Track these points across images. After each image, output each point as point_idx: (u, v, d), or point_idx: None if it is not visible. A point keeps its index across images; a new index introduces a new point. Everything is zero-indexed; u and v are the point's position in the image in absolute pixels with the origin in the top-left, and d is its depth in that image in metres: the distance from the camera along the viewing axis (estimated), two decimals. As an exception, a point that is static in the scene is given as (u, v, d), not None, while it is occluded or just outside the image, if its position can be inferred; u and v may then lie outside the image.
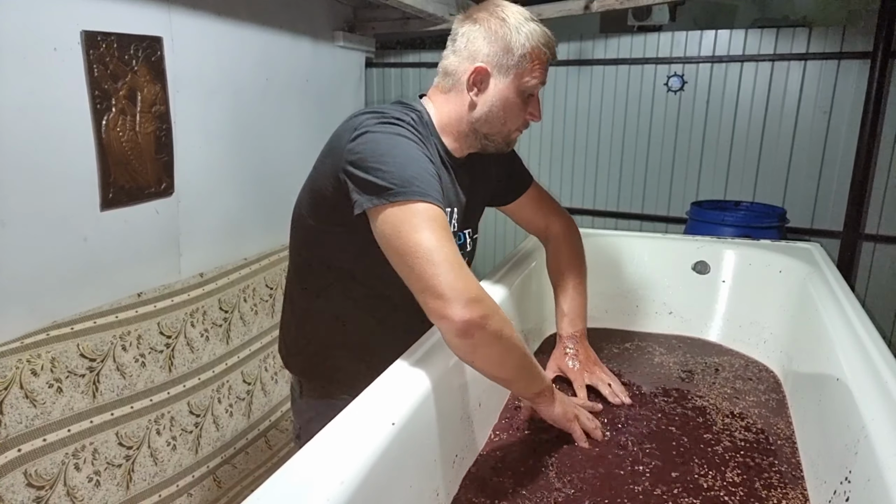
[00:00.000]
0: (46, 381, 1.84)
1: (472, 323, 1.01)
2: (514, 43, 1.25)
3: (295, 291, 1.46)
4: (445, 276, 1.01)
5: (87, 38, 1.92)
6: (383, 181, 1.07)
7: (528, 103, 1.32)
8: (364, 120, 1.18)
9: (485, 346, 1.06)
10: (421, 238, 1.03)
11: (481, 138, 1.34)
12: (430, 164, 1.15)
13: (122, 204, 2.10)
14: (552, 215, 1.69)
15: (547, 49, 1.28)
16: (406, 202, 1.05)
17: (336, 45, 3.38)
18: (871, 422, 0.98)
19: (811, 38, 3.23)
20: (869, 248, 3.28)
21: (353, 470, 0.83)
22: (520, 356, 1.14)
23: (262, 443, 2.72)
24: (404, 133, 1.17)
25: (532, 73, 1.28)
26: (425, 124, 1.30)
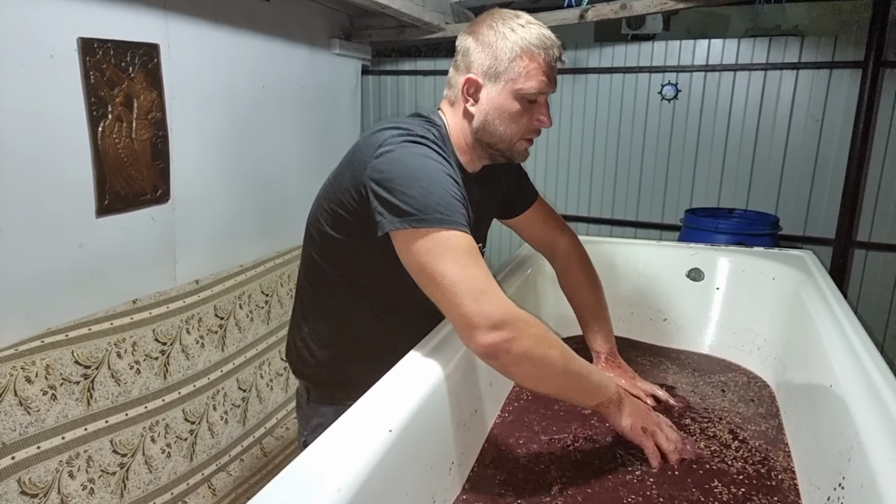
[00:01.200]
0: (41, 388, 1.84)
1: (496, 347, 1.04)
2: (501, 49, 1.24)
3: (306, 297, 1.45)
4: (469, 304, 1.04)
5: (84, 44, 1.92)
6: (408, 205, 1.08)
7: (531, 109, 1.29)
8: (389, 136, 1.18)
9: (514, 366, 1.09)
10: (445, 268, 1.06)
11: (486, 148, 1.33)
12: (455, 186, 1.15)
13: (117, 210, 2.10)
14: (558, 231, 1.69)
15: (541, 51, 1.24)
16: (430, 229, 1.07)
17: (332, 52, 3.39)
18: (864, 428, 0.98)
19: (803, 48, 3.25)
20: (861, 256, 3.30)
21: (350, 476, 0.83)
22: (559, 371, 1.13)
23: (258, 450, 2.71)
24: (430, 154, 1.17)
25: (527, 78, 1.24)
26: (445, 140, 1.31)
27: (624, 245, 2.19)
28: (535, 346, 1.08)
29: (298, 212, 3.16)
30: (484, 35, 1.27)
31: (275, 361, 2.89)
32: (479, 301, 1.04)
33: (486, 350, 1.06)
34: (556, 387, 1.18)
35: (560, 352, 1.12)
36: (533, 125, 1.30)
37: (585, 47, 3.75)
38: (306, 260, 1.43)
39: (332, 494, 0.79)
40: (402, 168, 1.12)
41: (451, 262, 1.06)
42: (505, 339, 1.04)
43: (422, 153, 1.16)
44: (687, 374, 1.74)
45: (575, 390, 1.19)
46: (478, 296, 1.05)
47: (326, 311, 1.41)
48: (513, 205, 1.63)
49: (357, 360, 1.40)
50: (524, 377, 1.14)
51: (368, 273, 1.33)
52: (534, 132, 1.32)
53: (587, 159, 3.85)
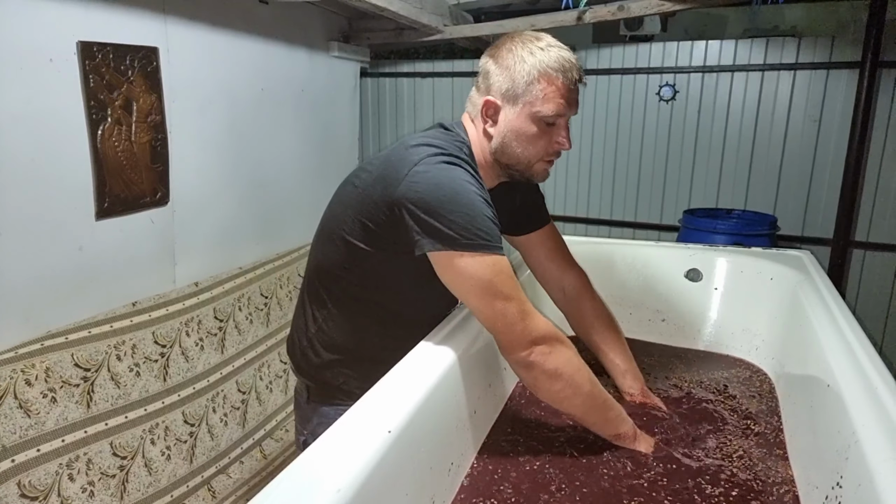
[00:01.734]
0: (40, 390, 1.84)
1: (531, 360, 1.18)
2: (519, 72, 1.24)
3: (316, 299, 1.44)
4: (517, 324, 1.16)
5: (84, 48, 1.93)
6: (449, 230, 1.13)
7: (550, 132, 1.29)
8: (423, 154, 1.19)
9: (544, 381, 1.20)
10: (494, 293, 1.15)
11: (505, 169, 1.34)
12: (490, 209, 1.19)
13: (117, 213, 2.11)
14: (567, 265, 1.66)
15: (559, 73, 1.24)
16: (474, 254, 1.14)
17: (331, 55, 3.39)
18: (862, 427, 0.99)
19: (800, 48, 3.26)
20: (859, 256, 3.30)
21: (349, 477, 0.84)
22: (586, 393, 1.24)
23: (257, 452, 2.71)
24: (465, 177, 1.19)
25: (545, 101, 1.24)
26: (473, 157, 1.32)
27: (623, 246, 2.20)
28: (567, 364, 1.20)
29: (297, 214, 3.18)
30: (503, 58, 1.27)
31: (274, 364, 2.89)
32: (525, 321, 1.16)
33: (521, 361, 1.18)
34: (582, 408, 1.27)
35: (588, 376, 1.24)
36: (552, 147, 1.30)
37: (584, 48, 3.75)
38: (321, 263, 1.41)
39: (331, 495, 0.80)
40: (440, 191, 1.14)
41: (499, 286, 1.15)
42: (542, 353, 1.17)
43: (458, 176, 1.18)
44: (685, 374, 1.75)
45: (596, 416, 1.29)
46: (524, 316, 1.17)
47: (337, 315, 1.40)
48: (522, 223, 1.61)
49: (362, 363, 1.40)
50: (553, 393, 1.22)
51: (388, 285, 1.34)
52: (553, 154, 1.32)
53: (586, 160, 3.86)
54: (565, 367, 1.20)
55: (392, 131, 4.31)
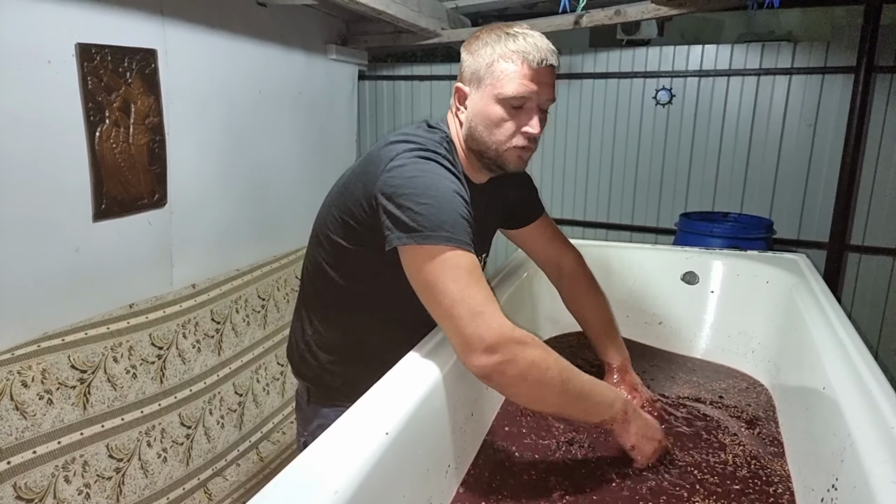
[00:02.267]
0: (37, 392, 1.84)
1: (489, 369, 1.06)
2: (483, 54, 1.25)
3: (311, 300, 1.46)
4: (466, 326, 1.06)
5: (82, 50, 1.93)
6: (414, 222, 1.10)
7: (518, 115, 1.25)
8: (400, 150, 1.20)
9: (509, 387, 1.11)
10: (445, 287, 1.08)
11: (477, 156, 1.32)
12: (463, 204, 1.16)
13: (114, 215, 2.11)
14: (564, 249, 1.70)
15: (520, 55, 1.22)
16: (435, 246, 1.09)
17: (329, 57, 3.40)
18: (857, 430, 0.99)
19: (796, 53, 3.28)
20: (854, 259, 3.32)
21: (347, 478, 0.84)
22: (556, 392, 1.13)
23: (254, 455, 2.71)
24: (439, 171, 1.18)
25: (507, 81, 1.22)
26: (454, 151, 1.32)
27: (619, 249, 2.21)
28: (530, 368, 1.08)
29: (295, 216, 3.18)
30: (473, 45, 1.28)
31: (271, 366, 2.89)
32: (475, 322, 1.06)
33: (480, 371, 1.08)
34: (555, 407, 1.18)
35: (558, 373, 1.12)
36: (519, 133, 1.27)
37: (580, 53, 3.76)
38: (312, 264, 1.43)
39: (329, 496, 0.80)
40: (411, 184, 1.13)
41: (451, 282, 1.08)
42: (499, 362, 1.06)
43: (431, 170, 1.17)
44: (683, 377, 1.75)
45: (575, 410, 1.20)
46: (474, 317, 1.06)
47: (330, 315, 1.41)
48: (518, 216, 1.63)
49: (360, 364, 1.41)
50: (521, 397, 1.15)
51: (374, 282, 1.34)
52: (522, 139, 1.27)
53: (582, 164, 3.87)
54: (529, 371, 1.08)
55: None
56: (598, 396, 1.20)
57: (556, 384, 1.12)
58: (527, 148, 1.29)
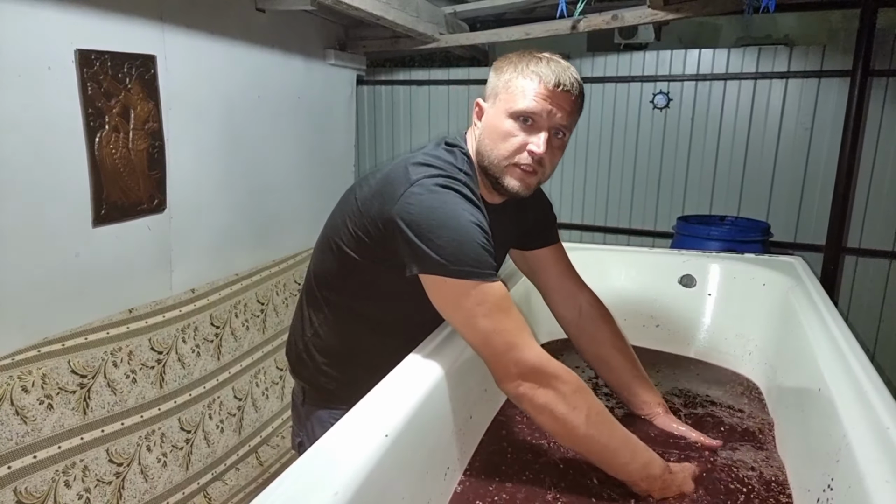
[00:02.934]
0: (37, 397, 1.84)
1: (521, 395, 1.14)
2: (504, 71, 1.26)
3: (313, 304, 1.45)
4: (501, 356, 1.13)
5: (82, 56, 1.94)
6: (438, 255, 1.11)
7: (525, 132, 1.23)
8: (421, 175, 1.18)
9: (536, 414, 1.15)
10: (478, 323, 1.13)
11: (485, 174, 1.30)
12: (484, 235, 1.16)
13: (114, 220, 2.11)
14: (582, 287, 1.60)
15: (537, 75, 1.21)
16: (461, 281, 1.12)
17: (327, 63, 3.41)
18: (853, 430, 1.00)
19: (792, 57, 3.29)
20: (851, 262, 3.32)
21: (346, 480, 0.84)
22: (578, 436, 1.15)
23: (253, 459, 2.71)
24: (459, 201, 1.17)
25: (521, 97, 1.21)
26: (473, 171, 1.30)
27: (617, 252, 2.21)
28: (558, 401, 1.12)
29: (293, 221, 3.19)
30: (499, 64, 1.29)
31: (270, 370, 2.89)
32: (510, 353, 1.12)
33: (512, 396, 1.17)
34: (577, 448, 1.21)
35: (587, 414, 1.14)
36: (522, 150, 1.23)
37: (578, 57, 3.78)
38: (319, 268, 1.43)
39: (328, 498, 0.80)
40: (432, 216, 1.13)
41: (482, 318, 1.12)
42: (530, 388, 1.12)
43: (451, 200, 1.16)
44: (679, 379, 1.76)
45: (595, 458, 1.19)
46: (509, 349, 1.12)
47: (331, 321, 1.42)
48: (534, 237, 1.57)
49: (355, 370, 1.42)
50: (546, 427, 1.18)
51: (379, 297, 1.35)
52: (525, 157, 1.23)
53: (580, 167, 3.88)
54: (556, 404, 1.12)
55: (388, 139, 4.32)
56: (626, 459, 1.18)
57: (579, 426, 1.14)
58: (530, 170, 1.25)
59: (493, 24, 3.74)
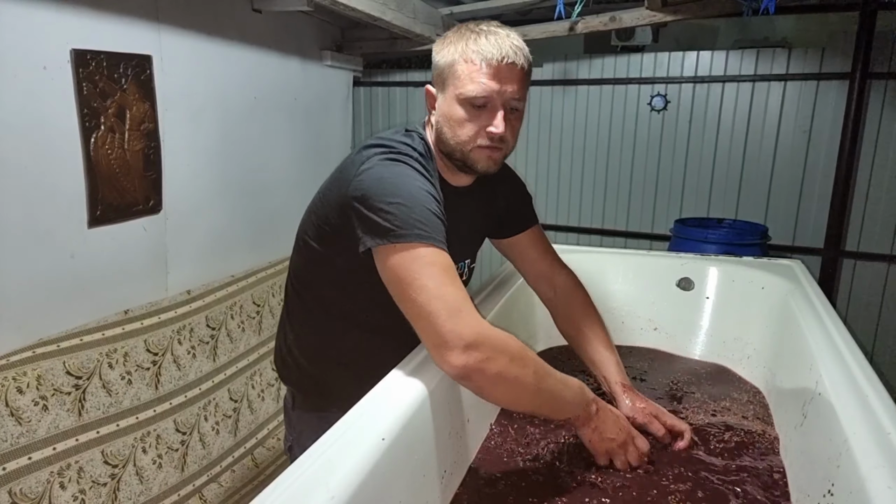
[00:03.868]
0: (32, 398, 1.83)
1: (469, 368, 1.03)
2: (444, 55, 1.24)
3: (292, 306, 1.47)
4: (443, 323, 1.03)
5: (77, 56, 1.93)
6: (387, 222, 1.09)
7: (480, 115, 1.23)
8: (372, 154, 1.20)
9: (488, 387, 1.08)
10: (421, 284, 1.06)
11: (448, 159, 1.31)
12: (435, 203, 1.15)
13: (109, 221, 2.10)
14: (558, 266, 1.62)
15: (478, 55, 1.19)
16: (409, 244, 1.07)
17: (324, 64, 3.40)
18: (853, 435, 0.99)
19: (791, 59, 3.29)
20: (850, 265, 3.32)
21: (342, 484, 0.84)
22: (532, 392, 1.11)
23: (249, 461, 2.70)
24: (408, 172, 1.17)
25: (467, 81, 1.20)
26: (429, 154, 1.30)
27: (615, 255, 2.21)
28: (509, 366, 1.06)
29: (289, 222, 3.16)
30: (439, 46, 1.27)
31: (266, 372, 2.88)
32: (453, 319, 1.03)
33: (459, 371, 1.04)
34: (529, 406, 1.17)
35: (534, 370, 1.10)
36: (482, 132, 1.24)
37: (575, 59, 3.77)
38: (293, 270, 1.45)
39: (324, 502, 0.80)
40: (380, 185, 1.13)
41: (427, 279, 1.06)
42: (479, 360, 1.03)
43: (400, 171, 1.17)
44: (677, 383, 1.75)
45: (548, 409, 1.19)
46: (453, 314, 1.03)
47: (310, 321, 1.43)
48: (509, 224, 1.58)
49: (340, 370, 1.42)
50: (499, 398, 1.14)
51: (348, 287, 1.34)
52: (486, 139, 1.24)
53: (577, 170, 3.88)
54: (509, 369, 1.06)
55: (385, 140, 4.31)
56: (569, 394, 1.18)
57: (532, 383, 1.10)
58: (494, 148, 1.26)
59: (491, 25, 3.73)
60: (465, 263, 1.48)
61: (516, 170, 1.62)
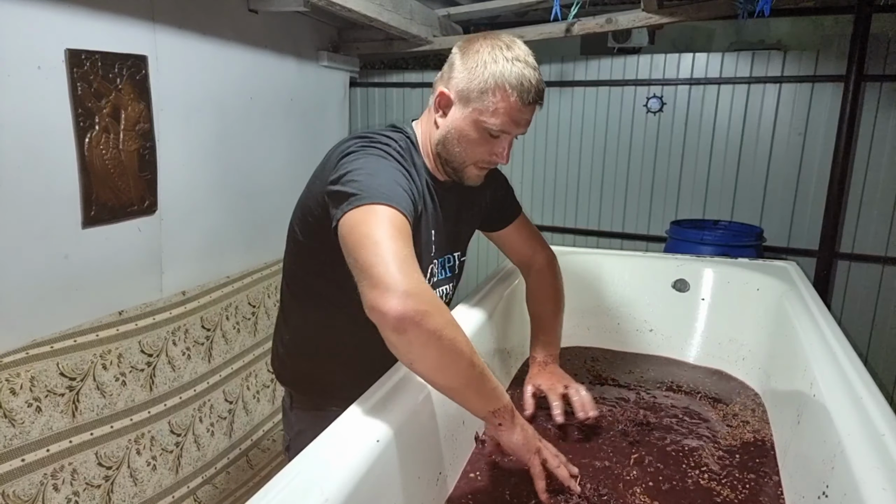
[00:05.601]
0: (25, 400, 1.82)
1: (405, 317, 0.94)
2: (478, 76, 1.23)
3: (286, 304, 1.49)
4: (386, 266, 0.96)
5: (72, 56, 1.92)
6: (352, 189, 1.09)
7: (491, 142, 1.27)
8: (351, 145, 1.22)
9: (420, 345, 0.97)
10: (371, 231, 1.01)
11: (441, 161, 1.34)
12: (405, 180, 1.17)
13: (104, 221, 2.09)
14: (538, 247, 1.70)
15: (514, 91, 1.21)
16: (368, 205, 1.05)
17: (320, 64, 3.40)
18: (847, 437, 1.00)
19: (786, 62, 3.30)
20: (844, 267, 3.33)
21: (337, 486, 0.83)
22: (465, 365, 1.03)
23: (244, 462, 2.69)
24: (385, 157, 1.19)
25: (493, 114, 1.23)
26: (412, 146, 1.33)
27: (610, 256, 2.21)
28: (447, 327, 0.99)
29: (285, 223, 3.12)
30: (470, 55, 1.26)
31: (261, 373, 2.88)
32: (397, 266, 0.97)
33: (392, 320, 0.94)
34: (455, 380, 1.05)
35: (467, 341, 1.04)
36: (489, 157, 1.30)
37: (571, 60, 3.78)
38: (285, 266, 1.47)
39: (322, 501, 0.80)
40: (352, 164, 1.15)
41: (379, 228, 1.02)
42: (416, 311, 0.94)
43: (377, 153, 1.19)
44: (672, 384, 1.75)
45: (475, 391, 1.08)
46: (400, 264, 0.97)
47: (304, 316, 1.45)
48: (497, 217, 1.64)
49: (336, 367, 1.44)
50: (424, 361, 1.00)
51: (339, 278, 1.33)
52: (489, 164, 1.32)
53: (573, 171, 3.88)
54: (446, 329, 0.98)
55: (381, 141, 4.31)
56: (493, 383, 1.11)
57: (466, 352, 1.02)
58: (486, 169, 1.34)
59: (487, 26, 3.74)
60: (454, 256, 1.50)
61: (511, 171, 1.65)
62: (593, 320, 2.06)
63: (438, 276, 1.45)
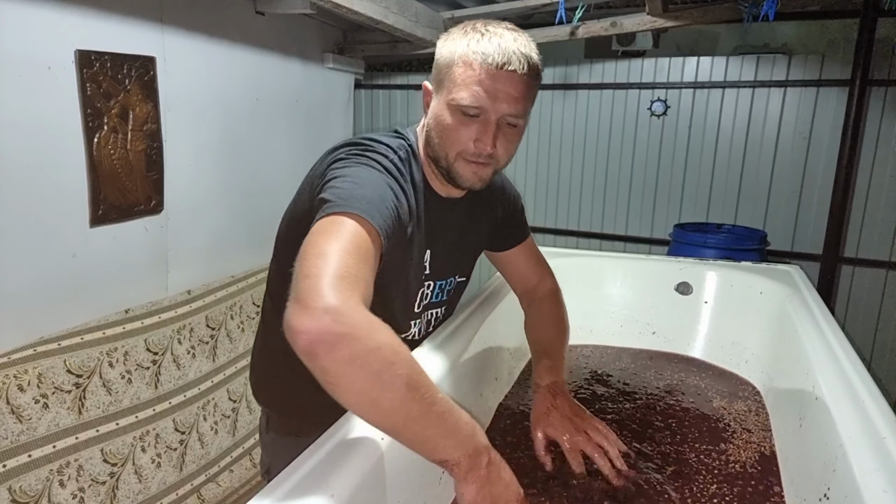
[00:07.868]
0: (33, 396, 1.84)
1: (318, 340, 0.77)
2: (445, 55, 1.12)
3: (268, 316, 1.38)
4: (317, 280, 0.80)
5: (81, 57, 1.94)
6: (329, 196, 0.97)
7: (471, 126, 1.11)
8: (342, 152, 1.12)
9: (337, 373, 0.79)
10: (324, 242, 0.87)
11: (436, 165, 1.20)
12: (392, 195, 1.05)
13: (111, 221, 2.11)
14: (545, 275, 1.56)
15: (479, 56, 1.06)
16: (338, 214, 0.92)
17: (325, 66, 3.41)
18: (849, 440, 1.00)
19: (791, 66, 3.30)
20: (848, 272, 3.33)
21: (342, 483, 0.84)
22: (400, 397, 0.82)
23: (247, 461, 2.71)
24: (375, 168, 1.08)
25: (460, 87, 1.08)
26: (412, 156, 1.21)
27: (614, 259, 2.21)
28: (375, 352, 0.79)
29: (291, 223, 3.17)
30: (442, 41, 1.16)
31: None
32: (332, 283, 0.80)
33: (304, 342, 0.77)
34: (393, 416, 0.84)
35: (407, 371, 0.82)
36: (471, 146, 1.11)
37: (576, 63, 3.79)
38: (269, 276, 1.38)
39: (325, 501, 0.80)
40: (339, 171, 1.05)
41: (335, 242, 0.87)
42: (332, 333, 0.76)
43: (365, 162, 1.08)
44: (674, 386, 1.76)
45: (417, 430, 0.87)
46: (336, 280, 0.81)
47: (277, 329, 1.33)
48: (503, 238, 1.51)
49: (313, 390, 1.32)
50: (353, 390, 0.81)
51: None
52: (473, 155, 1.12)
53: (577, 174, 3.89)
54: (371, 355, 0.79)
55: (386, 142, 4.32)
56: (452, 423, 0.90)
57: (401, 384, 0.81)
58: (481, 164, 1.14)
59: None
60: (452, 279, 1.39)
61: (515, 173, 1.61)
62: (596, 323, 2.06)
63: (431, 299, 1.35)
